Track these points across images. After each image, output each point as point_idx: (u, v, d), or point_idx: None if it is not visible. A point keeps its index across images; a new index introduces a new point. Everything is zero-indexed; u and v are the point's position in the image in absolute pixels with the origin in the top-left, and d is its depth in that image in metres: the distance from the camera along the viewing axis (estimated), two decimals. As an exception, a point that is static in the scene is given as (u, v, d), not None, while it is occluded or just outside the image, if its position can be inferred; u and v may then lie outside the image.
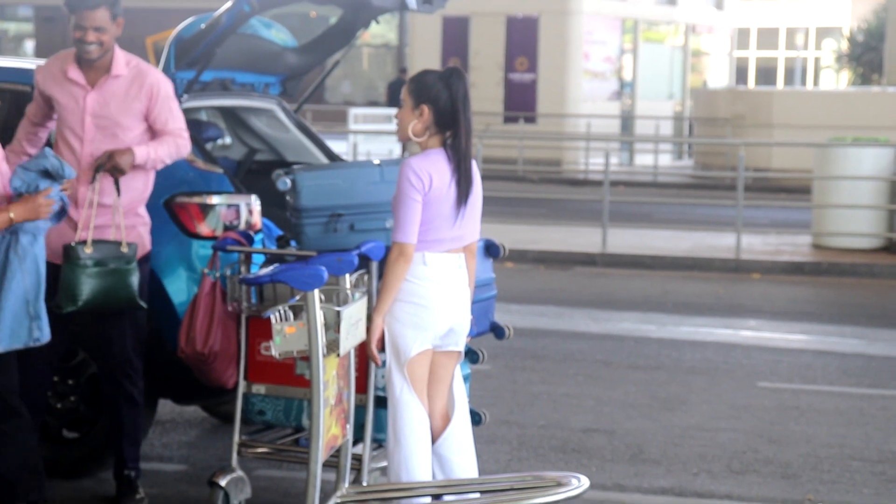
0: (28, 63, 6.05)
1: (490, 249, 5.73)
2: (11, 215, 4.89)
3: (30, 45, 36.89)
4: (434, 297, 4.93)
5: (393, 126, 21.76)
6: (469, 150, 4.95)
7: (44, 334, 5.03)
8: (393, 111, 22.55)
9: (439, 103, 4.90)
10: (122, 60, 5.50)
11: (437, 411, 5.07)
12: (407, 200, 4.86)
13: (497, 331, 5.76)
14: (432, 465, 5.02)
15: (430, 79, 4.95)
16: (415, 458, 4.94)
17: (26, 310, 4.98)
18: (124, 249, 5.35)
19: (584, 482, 4.82)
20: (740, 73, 35.84)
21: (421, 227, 4.89)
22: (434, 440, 5.04)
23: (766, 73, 42.25)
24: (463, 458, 5.07)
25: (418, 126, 4.93)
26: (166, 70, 5.95)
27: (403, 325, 4.92)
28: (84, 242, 5.31)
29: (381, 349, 4.98)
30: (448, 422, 5.08)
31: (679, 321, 10.58)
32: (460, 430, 5.09)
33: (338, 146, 15.45)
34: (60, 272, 5.28)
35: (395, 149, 20.51)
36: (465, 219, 4.98)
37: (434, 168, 4.89)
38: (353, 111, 22.66)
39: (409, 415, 4.93)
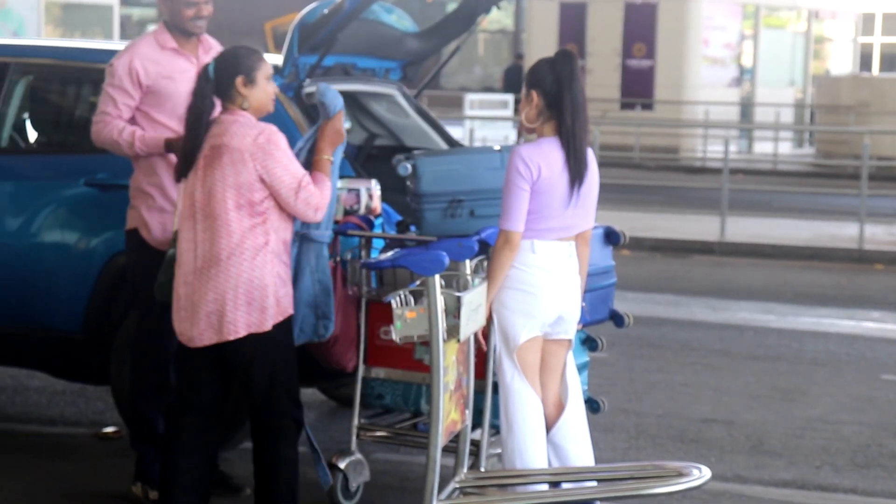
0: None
1: (610, 237, 5.68)
2: (326, 157, 4.93)
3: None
4: (542, 284, 4.90)
5: (509, 112, 21.78)
6: (580, 132, 4.86)
7: (328, 330, 5.13)
8: (509, 97, 22.55)
9: (546, 86, 4.87)
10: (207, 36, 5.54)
11: (550, 400, 5.04)
12: (514, 189, 4.84)
13: (616, 318, 5.71)
14: (548, 453, 4.99)
15: (539, 64, 4.93)
16: (529, 445, 4.92)
17: (314, 308, 5.07)
18: None
19: (706, 473, 4.76)
20: (864, 60, 35.08)
21: (530, 215, 4.87)
22: (548, 429, 5.01)
23: (892, 60, 41.29)
24: (578, 447, 5.04)
25: (531, 112, 4.92)
26: (290, 54, 5.99)
27: (512, 313, 4.91)
28: None
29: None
30: (562, 410, 5.05)
31: (800, 311, 10.40)
32: (575, 418, 5.06)
33: (454, 132, 15.47)
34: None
35: (511, 135, 20.45)
36: (577, 207, 4.93)
37: (544, 157, 4.85)
38: (469, 97, 22.59)
39: (521, 401, 4.92)
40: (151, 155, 5.34)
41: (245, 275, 4.69)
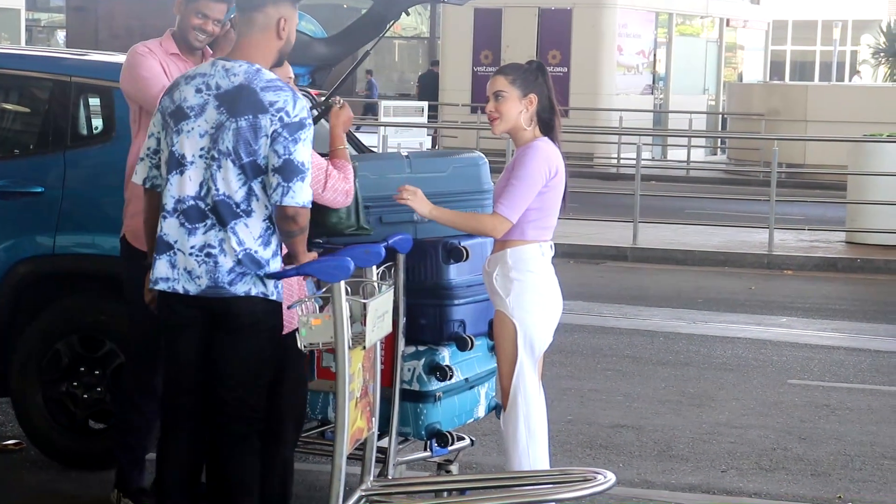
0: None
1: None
2: (342, 147, 5.05)
3: (61, 34, 37.01)
4: (553, 287, 5.08)
5: (424, 118, 21.74)
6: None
7: None
8: (424, 104, 22.52)
9: (542, 93, 5.05)
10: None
11: None
12: (533, 183, 4.95)
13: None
14: None
15: (524, 71, 5.07)
16: (544, 450, 5.09)
17: None
18: None
19: (611, 478, 4.77)
20: (775, 68, 35.61)
21: (541, 212, 5.00)
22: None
23: (802, 68, 41.98)
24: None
25: (526, 115, 5.04)
26: (195, 60, 5.92)
27: (539, 319, 5.04)
28: None
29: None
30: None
31: (710, 317, 10.51)
32: None
33: (368, 139, 15.42)
34: None
35: (426, 142, 20.45)
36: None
37: (556, 155, 5.03)
38: (384, 104, 22.54)
39: (541, 409, 5.12)
40: None
41: None
